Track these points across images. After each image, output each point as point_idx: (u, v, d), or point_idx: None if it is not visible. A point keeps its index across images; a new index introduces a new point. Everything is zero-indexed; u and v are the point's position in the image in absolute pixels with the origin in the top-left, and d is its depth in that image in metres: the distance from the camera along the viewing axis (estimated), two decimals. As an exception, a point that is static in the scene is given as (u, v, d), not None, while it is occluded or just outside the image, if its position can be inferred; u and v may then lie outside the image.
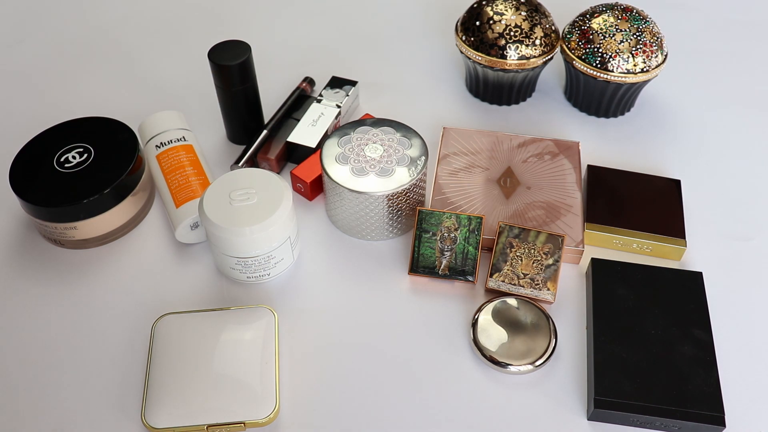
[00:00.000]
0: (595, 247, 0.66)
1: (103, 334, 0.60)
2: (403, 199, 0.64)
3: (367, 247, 0.66)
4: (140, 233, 0.68)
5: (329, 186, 0.64)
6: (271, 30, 0.91)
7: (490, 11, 0.74)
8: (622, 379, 0.55)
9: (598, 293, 0.60)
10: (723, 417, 0.53)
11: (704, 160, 0.74)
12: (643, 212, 0.66)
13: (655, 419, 0.53)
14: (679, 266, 0.65)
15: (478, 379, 0.57)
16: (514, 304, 0.60)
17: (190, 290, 0.63)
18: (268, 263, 0.61)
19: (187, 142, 0.70)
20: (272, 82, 0.81)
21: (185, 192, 0.65)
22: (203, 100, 0.80)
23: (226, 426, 0.53)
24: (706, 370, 0.55)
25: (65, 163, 0.65)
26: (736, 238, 0.67)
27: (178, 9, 0.94)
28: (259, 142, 0.72)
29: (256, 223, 0.58)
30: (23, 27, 0.92)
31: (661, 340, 0.57)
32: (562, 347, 0.59)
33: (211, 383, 0.54)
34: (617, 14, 0.73)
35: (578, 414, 0.56)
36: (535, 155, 0.71)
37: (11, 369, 0.58)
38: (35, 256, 0.66)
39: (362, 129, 0.67)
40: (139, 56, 0.87)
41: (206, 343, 0.57)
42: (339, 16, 0.93)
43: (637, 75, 0.72)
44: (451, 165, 0.71)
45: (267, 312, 0.59)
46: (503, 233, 0.63)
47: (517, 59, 0.73)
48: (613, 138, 0.77)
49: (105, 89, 0.83)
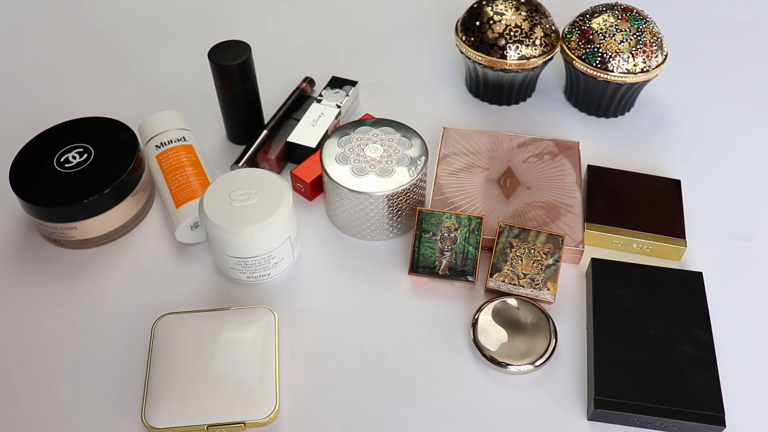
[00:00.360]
0: (595, 247, 0.66)
1: (103, 334, 0.60)
2: (403, 199, 0.64)
3: (367, 247, 0.66)
4: (140, 233, 0.68)
5: (329, 186, 0.64)
6: (272, 30, 0.91)
7: (490, 11, 0.74)
8: (622, 379, 0.55)
9: (598, 293, 0.60)
10: (723, 417, 0.53)
11: (704, 160, 0.74)
12: (643, 212, 0.66)
13: (655, 419, 0.53)
14: (679, 266, 0.65)
15: (478, 379, 0.57)
16: (514, 304, 0.60)
17: (190, 290, 0.63)
18: (268, 263, 0.61)
19: (187, 142, 0.70)
20: (272, 82, 0.81)
21: (185, 192, 0.65)
22: (203, 100, 0.80)
23: (226, 426, 0.53)
24: (706, 370, 0.55)
25: (65, 163, 0.65)
26: (736, 238, 0.67)
27: (179, 9, 0.94)
28: (259, 142, 0.72)
29: (256, 223, 0.58)
30: (23, 27, 0.92)
31: (661, 340, 0.57)
32: (562, 347, 0.59)
33: (211, 383, 0.54)
34: (617, 14, 0.73)
35: (578, 414, 0.56)
36: (535, 155, 0.71)
37: (11, 369, 0.58)
38: (35, 256, 0.66)
39: (362, 129, 0.67)
40: (139, 56, 0.87)
41: (206, 343, 0.57)
42: (339, 16, 0.93)
43: (637, 75, 0.72)
44: (451, 165, 0.71)
45: (267, 312, 0.59)
46: (503, 233, 0.63)
47: (517, 59, 0.73)
48: (613, 138, 0.77)
49: (105, 89, 0.83)
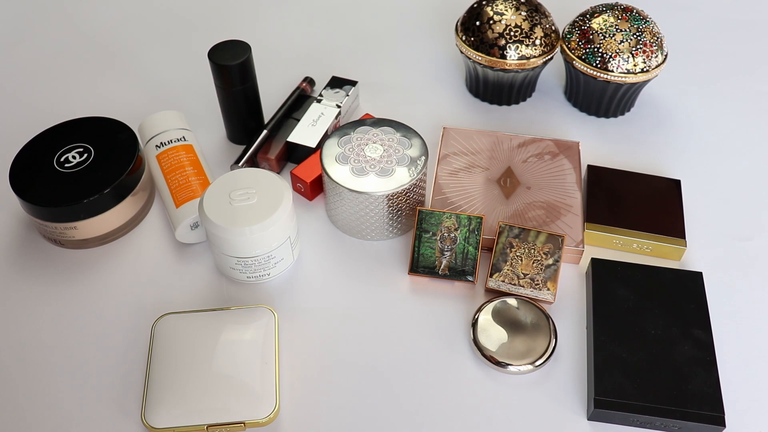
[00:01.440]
0: (595, 247, 0.66)
1: (103, 334, 0.60)
2: (403, 199, 0.64)
3: (367, 247, 0.66)
4: (140, 233, 0.68)
5: (329, 186, 0.64)
6: (271, 30, 0.91)
7: (490, 11, 0.74)
8: (622, 379, 0.55)
9: (598, 293, 0.60)
10: (723, 417, 0.53)
11: (704, 160, 0.74)
12: (643, 212, 0.66)
13: (655, 419, 0.53)
14: (679, 266, 0.65)
15: (478, 379, 0.57)
16: (514, 304, 0.60)
17: (190, 290, 0.63)
18: (268, 263, 0.61)
19: (187, 142, 0.70)
20: (272, 82, 0.81)
21: (185, 192, 0.65)
22: (203, 100, 0.80)
23: (226, 426, 0.53)
24: (706, 370, 0.55)
25: (65, 163, 0.65)
26: (736, 238, 0.67)
27: (179, 9, 0.94)
28: (259, 142, 0.72)
29: (256, 223, 0.58)
30: (23, 27, 0.92)
31: (661, 340, 0.57)
32: (562, 347, 0.59)
33: (211, 383, 0.54)
34: (617, 14, 0.73)
35: (578, 414, 0.56)
36: (535, 155, 0.71)
37: (11, 369, 0.58)
38: (35, 256, 0.66)
39: (362, 129, 0.67)
40: (139, 56, 0.87)
41: (206, 343, 0.57)
42: (339, 16, 0.93)
43: (637, 75, 0.72)
44: (451, 165, 0.71)
45: (267, 312, 0.59)
46: (503, 233, 0.63)
47: (517, 59, 0.73)
48: (613, 138, 0.77)
49: (105, 89, 0.83)
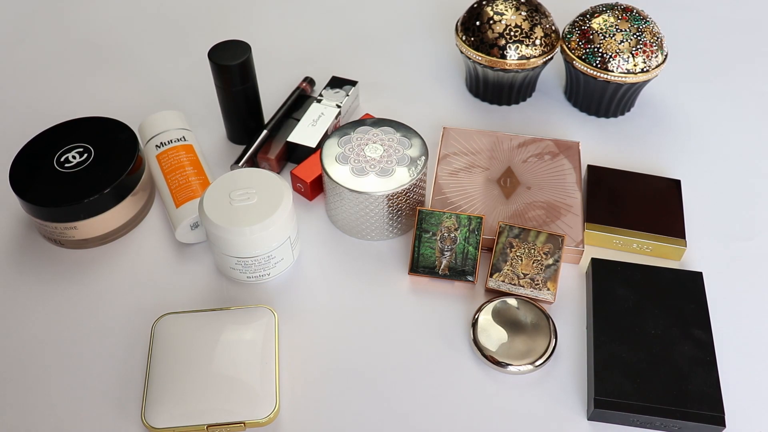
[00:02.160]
0: (595, 247, 0.66)
1: (103, 334, 0.60)
2: (403, 199, 0.64)
3: (367, 247, 0.66)
4: (140, 233, 0.68)
5: (329, 186, 0.64)
6: (271, 30, 0.91)
7: (490, 11, 0.74)
8: (622, 379, 0.55)
9: (598, 293, 0.60)
10: (723, 417, 0.53)
11: (704, 160, 0.74)
12: (643, 212, 0.66)
13: (655, 419, 0.53)
14: (679, 266, 0.65)
15: (478, 379, 0.57)
16: (514, 304, 0.60)
17: (190, 290, 0.63)
18: (268, 263, 0.61)
19: (187, 142, 0.70)
20: (272, 82, 0.81)
21: (185, 192, 0.65)
22: (203, 100, 0.80)
23: (226, 426, 0.53)
24: (706, 370, 0.55)
25: (65, 163, 0.65)
26: (736, 238, 0.67)
27: (179, 9, 0.94)
28: (259, 142, 0.72)
29: (256, 223, 0.58)
30: (23, 27, 0.92)
31: (661, 340, 0.57)
32: (562, 347, 0.59)
33: (211, 383, 0.54)
34: (617, 14, 0.73)
35: (578, 414, 0.56)
36: (535, 155, 0.71)
37: (11, 368, 0.58)
38: (35, 256, 0.66)
39: (362, 129, 0.67)
40: (139, 56, 0.87)
41: (206, 343, 0.57)
42: (339, 16, 0.93)
43: (637, 75, 0.72)
44: (451, 165, 0.71)
45: (267, 312, 0.59)
46: (503, 233, 0.63)
47: (517, 59, 0.73)
48: (613, 138, 0.77)
49: (105, 89, 0.83)
